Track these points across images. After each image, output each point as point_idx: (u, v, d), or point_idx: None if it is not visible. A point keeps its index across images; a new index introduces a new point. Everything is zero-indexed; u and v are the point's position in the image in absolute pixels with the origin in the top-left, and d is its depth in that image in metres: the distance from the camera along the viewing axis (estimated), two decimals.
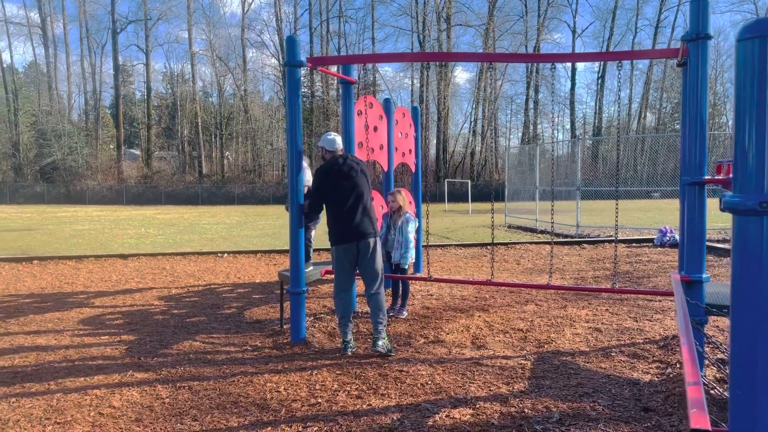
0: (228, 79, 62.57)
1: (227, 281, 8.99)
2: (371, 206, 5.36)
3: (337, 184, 5.22)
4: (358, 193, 5.24)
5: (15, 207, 42.70)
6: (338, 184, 5.22)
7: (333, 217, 5.27)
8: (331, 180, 5.24)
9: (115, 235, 17.95)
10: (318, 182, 5.31)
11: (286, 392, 4.33)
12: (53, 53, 58.52)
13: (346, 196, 5.21)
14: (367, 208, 5.29)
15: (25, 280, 9.21)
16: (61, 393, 4.37)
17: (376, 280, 5.31)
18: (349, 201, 5.20)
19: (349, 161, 5.31)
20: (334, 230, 5.27)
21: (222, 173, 60.00)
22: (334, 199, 5.23)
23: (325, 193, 5.26)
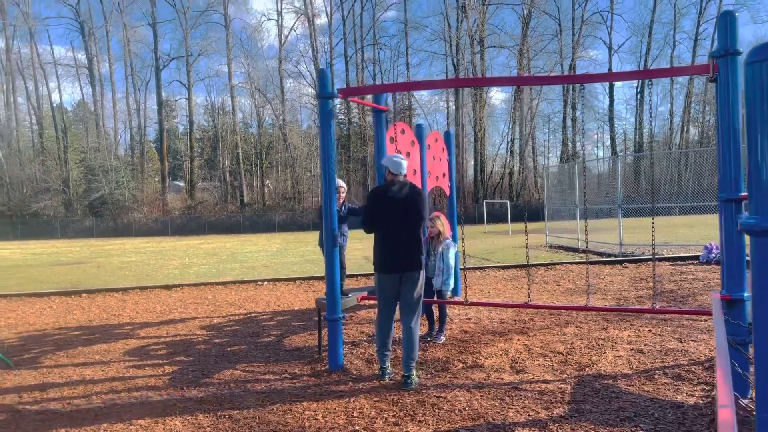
0: (267, 109, 63.97)
1: (267, 309, 9.12)
2: (420, 238, 5.17)
3: (386, 211, 5.10)
4: (407, 224, 5.08)
5: (66, 241, 44.20)
6: (388, 211, 5.09)
7: (379, 244, 5.18)
8: (381, 205, 5.13)
9: (160, 266, 18.41)
10: (369, 203, 5.20)
11: (324, 420, 4.36)
12: (100, 92, 60.90)
13: (394, 225, 5.08)
14: (416, 240, 5.11)
15: (74, 313, 9.53)
16: (107, 423, 4.49)
17: (413, 313, 5.19)
18: (397, 231, 5.08)
19: (406, 190, 5.13)
20: (378, 258, 5.18)
21: (263, 201, 61.02)
22: (381, 225, 5.13)
23: (374, 217, 5.16)
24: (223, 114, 64.97)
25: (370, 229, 5.25)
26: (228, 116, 63.87)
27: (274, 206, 59.48)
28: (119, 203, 55.66)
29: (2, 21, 55.79)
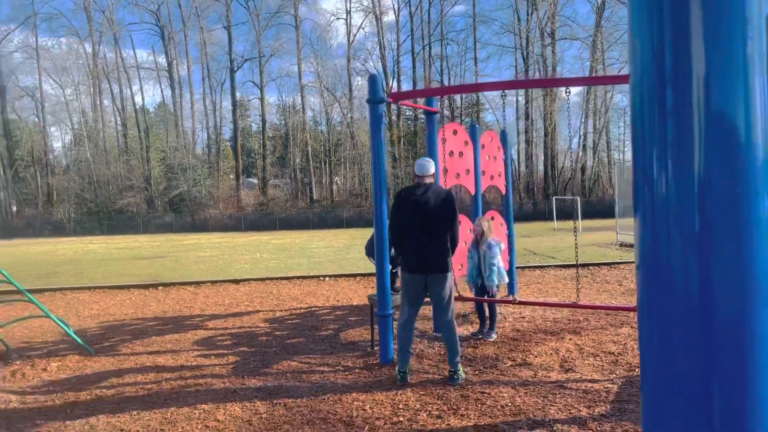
0: (335, 107, 65.02)
1: (327, 304, 9.47)
2: (447, 239, 5.18)
3: (410, 212, 5.16)
4: (432, 224, 5.11)
5: (147, 236, 46.57)
6: (411, 212, 5.15)
7: (404, 245, 5.24)
8: (404, 207, 5.21)
9: (232, 260, 19.22)
10: (393, 206, 5.32)
11: (371, 410, 4.59)
12: (179, 93, 63.65)
13: (417, 227, 5.13)
14: (441, 242, 5.13)
15: (151, 305, 10.19)
16: (175, 407, 4.89)
17: (446, 310, 5.22)
18: (421, 232, 5.12)
19: (430, 191, 5.19)
20: (403, 258, 5.26)
21: (331, 198, 62.14)
22: (406, 226, 5.20)
23: (399, 219, 5.24)
24: (293, 113, 66.53)
25: (394, 231, 5.30)
26: (298, 115, 65.35)
27: (342, 203, 60.47)
28: (196, 200, 58.06)
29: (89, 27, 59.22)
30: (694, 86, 1.04)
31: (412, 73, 61.34)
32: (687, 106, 1.04)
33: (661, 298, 1.11)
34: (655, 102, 1.07)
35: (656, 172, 1.09)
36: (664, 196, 1.08)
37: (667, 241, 1.09)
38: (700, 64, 1.03)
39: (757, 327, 1.09)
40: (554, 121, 58.64)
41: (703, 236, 1.06)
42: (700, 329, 1.08)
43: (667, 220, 1.09)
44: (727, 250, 1.07)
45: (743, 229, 1.08)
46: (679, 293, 1.09)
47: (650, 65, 1.07)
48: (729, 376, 1.09)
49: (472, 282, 6.70)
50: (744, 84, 1.05)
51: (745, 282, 1.08)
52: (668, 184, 1.07)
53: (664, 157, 1.07)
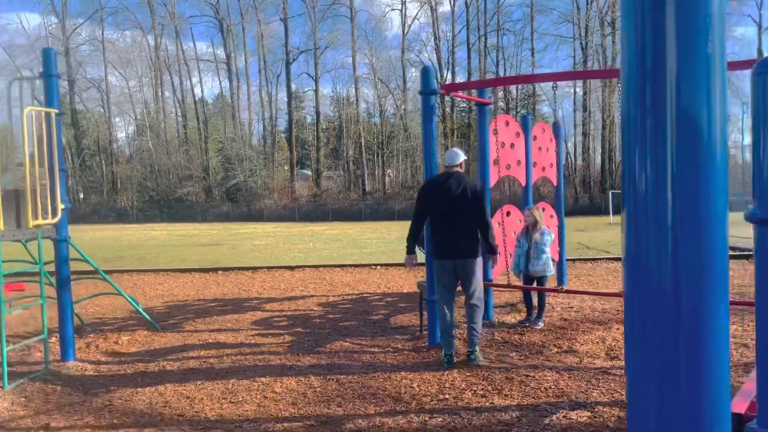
0: (388, 99, 65.28)
1: (378, 291, 9.75)
2: (475, 225, 5.41)
3: (436, 201, 5.43)
4: (457, 211, 5.34)
5: (205, 224, 48.08)
6: (437, 200, 5.42)
7: (432, 231, 5.54)
8: (430, 195, 5.49)
9: (287, 249, 19.77)
10: (418, 196, 5.62)
11: (419, 388, 4.82)
12: (236, 85, 65.17)
13: (443, 214, 5.38)
14: (467, 228, 5.36)
15: (211, 287, 10.71)
16: (235, 379, 5.24)
17: (473, 293, 5.46)
18: (447, 218, 5.36)
19: (453, 180, 5.42)
20: (433, 245, 5.55)
21: (383, 190, 62.52)
22: (433, 214, 5.48)
23: (425, 208, 5.52)
24: (347, 105, 67.16)
25: (417, 217, 5.59)
26: (352, 107, 65.93)
27: (394, 195, 60.77)
28: (252, 190, 59.45)
29: (152, 21, 61.27)
30: (668, 84, 1.17)
31: (467, 65, 60.97)
32: (662, 104, 1.17)
33: (641, 291, 1.24)
34: (637, 99, 1.21)
35: (638, 168, 1.22)
36: (643, 192, 1.21)
37: (646, 236, 1.22)
38: (672, 62, 1.16)
39: (712, 320, 1.22)
40: (613, 114, 57.24)
41: (674, 231, 1.19)
42: (671, 321, 1.21)
43: (645, 215, 1.21)
44: (690, 246, 1.20)
45: (703, 225, 1.20)
46: (654, 286, 1.22)
47: (634, 62, 1.21)
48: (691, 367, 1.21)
49: (518, 270, 6.83)
50: (706, 83, 1.18)
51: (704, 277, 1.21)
52: (647, 179, 1.20)
53: (644, 154, 1.20)
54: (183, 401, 4.72)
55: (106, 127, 61.67)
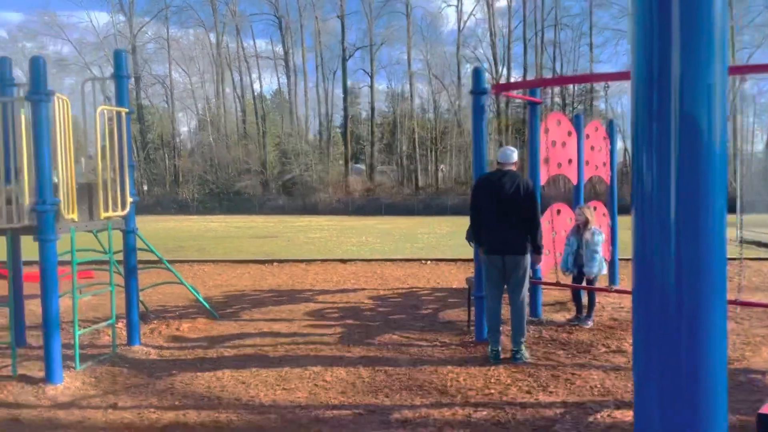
0: (443, 95, 65.01)
1: (427, 285, 9.87)
2: (524, 223, 5.46)
3: (488, 198, 5.51)
4: (509, 209, 5.41)
5: (262, 217, 49.14)
6: (490, 197, 5.50)
7: (482, 227, 5.61)
8: (481, 192, 5.58)
9: (340, 242, 20.09)
10: (472, 193, 5.72)
11: (464, 382, 4.93)
12: (294, 82, 66.21)
13: (496, 211, 5.45)
14: (516, 225, 5.42)
15: (267, 278, 11.07)
16: (289, 367, 5.48)
17: (519, 292, 5.51)
18: (499, 215, 5.43)
19: (507, 178, 5.48)
20: (482, 241, 5.64)
21: (436, 186, 62.39)
22: (483, 211, 5.56)
23: (477, 205, 5.61)
24: (401, 100, 67.26)
25: (474, 214, 5.68)
26: (406, 102, 65.99)
27: (447, 190, 60.52)
28: (308, 184, 60.37)
29: (214, 19, 62.93)
30: (672, 91, 1.24)
31: (523, 60, 60.06)
32: (666, 109, 1.25)
33: (646, 289, 1.31)
34: (645, 105, 1.28)
35: (645, 169, 1.29)
36: (649, 193, 1.28)
37: (650, 235, 1.29)
38: (676, 70, 1.23)
39: (710, 314, 1.28)
40: None
41: (677, 230, 1.26)
42: (674, 317, 1.27)
43: (651, 215, 1.28)
44: (690, 245, 1.26)
45: (702, 224, 1.26)
46: (658, 283, 1.29)
47: (643, 70, 1.28)
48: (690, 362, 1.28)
49: (566, 269, 6.81)
50: (707, 90, 1.25)
51: (703, 274, 1.27)
52: (653, 181, 1.27)
53: (650, 156, 1.27)
54: (239, 386, 4.98)
55: (170, 122, 63.80)
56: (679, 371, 1.31)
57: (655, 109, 1.27)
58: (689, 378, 1.31)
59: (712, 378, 1.32)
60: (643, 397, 1.38)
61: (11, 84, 6.24)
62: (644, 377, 1.37)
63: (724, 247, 1.31)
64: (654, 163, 1.28)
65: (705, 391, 1.32)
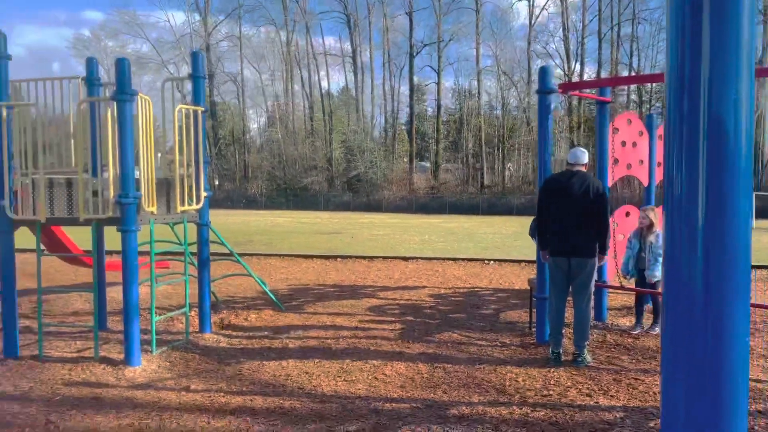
0: (512, 92, 64.09)
1: (489, 285, 9.84)
2: (593, 226, 5.38)
3: (557, 199, 5.45)
4: (578, 210, 5.34)
5: (327, 213, 49.98)
6: (558, 198, 5.44)
7: (549, 228, 5.54)
8: (551, 193, 5.52)
9: (403, 240, 20.23)
10: (540, 194, 5.66)
11: (523, 382, 4.93)
12: (361, 79, 66.89)
13: (564, 212, 5.40)
14: (584, 227, 5.35)
15: (330, 273, 11.32)
16: (350, 360, 5.63)
17: (583, 296, 5.44)
18: (567, 217, 5.37)
19: (576, 179, 5.41)
20: (549, 241, 5.56)
21: (502, 184, 61.60)
22: (551, 211, 5.50)
23: (545, 205, 5.56)
24: (468, 97, 66.76)
25: (541, 214, 5.62)
26: (473, 99, 65.46)
27: (514, 189, 59.66)
28: (372, 181, 60.90)
29: (284, 17, 64.33)
30: (702, 94, 1.25)
31: (598, 56, 58.36)
32: (696, 112, 1.25)
33: (675, 289, 1.31)
34: (677, 107, 1.29)
35: (675, 172, 1.30)
36: (679, 195, 1.29)
37: (679, 238, 1.30)
38: (706, 73, 1.24)
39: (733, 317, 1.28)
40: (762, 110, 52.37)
41: (704, 233, 1.26)
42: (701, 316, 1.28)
43: (680, 218, 1.30)
44: (716, 247, 1.26)
45: (728, 226, 1.26)
46: (686, 284, 1.30)
47: (675, 74, 1.30)
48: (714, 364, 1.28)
49: (627, 273, 6.64)
50: (735, 93, 1.25)
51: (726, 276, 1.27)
52: (682, 183, 1.28)
53: (680, 158, 1.28)
54: (303, 376, 5.17)
55: (241, 118, 65.74)
56: (703, 370, 1.33)
57: (686, 112, 1.29)
58: (712, 377, 1.33)
59: (735, 377, 1.33)
60: (669, 394, 1.40)
61: (98, 83, 6.67)
62: (671, 376, 1.40)
63: (749, 250, 1.32)
64: (683, 165, 1.30)
65: (727, 389, 1.33)
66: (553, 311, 5.63)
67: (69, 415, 4.28)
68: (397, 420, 4.17)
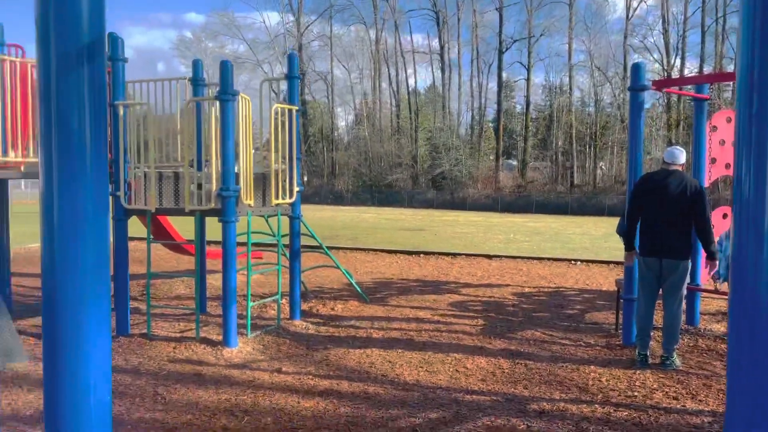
0: (605, 88, 61.86)
1: (575, 286, 9.68)
2: (688, 227, 5.23)
3: (652, 199, 5.30)
4: (674, 211, 5.19)
5: (410, 210, 50.26)
6: (653, 198, 5.29)
7: (642, 229, 5.41)
8: (646, 193, 5.36)
9: (486, 238, 20.12)
10: (633, 193, 5.49)
11: (607, 382, 4.90)
12: (448, 76, 66.70)
13: (659, 212, 5.25)
14: (677, 228, 5.20)
15: (413, 269, 11.50)
16: (432, 352, 5.78)
17: (674, 298, 5.29)
18: (662, 217, 5.22)
19: (673, 178, 5.25)
20: (640, 241, 5.43)
21: (593, 184, 59.62)
22: (646, 212, 5.35)
23: (638, 205, 5.41)
24: (559, 93, 65.04)
25: (632, 215, 5.45)
26: (564, 96, 63.71)
27: (606, 189, 57.57)
28: (457, 179, 60.63)
29: (374, 16, 65.16)
30: None
31: (700, 50, 55.30)
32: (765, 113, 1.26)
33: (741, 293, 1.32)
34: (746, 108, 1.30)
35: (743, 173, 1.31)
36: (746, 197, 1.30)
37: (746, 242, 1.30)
38: None
39: None
40: None
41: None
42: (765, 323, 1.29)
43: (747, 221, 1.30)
44: None
45: None
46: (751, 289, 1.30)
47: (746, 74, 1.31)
48: None
49: (717, 276, 6.35)
50: None
51: None
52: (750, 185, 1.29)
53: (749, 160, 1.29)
54: (386, 364, 5.37)
55: (330, 116, 67.29)
56: None
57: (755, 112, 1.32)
58: None
59: None
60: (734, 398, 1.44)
61: (203, 84, 7.15)
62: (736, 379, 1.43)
63: None
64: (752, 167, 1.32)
65: None
66: (641, 313, 5.52)
67: (174, 388, 4.69)
68: (478, 411, 4.28)
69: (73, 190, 1.30)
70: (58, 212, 1.32)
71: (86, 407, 1.46)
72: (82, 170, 1.31)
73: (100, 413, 1.49)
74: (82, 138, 1.30)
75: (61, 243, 1.34)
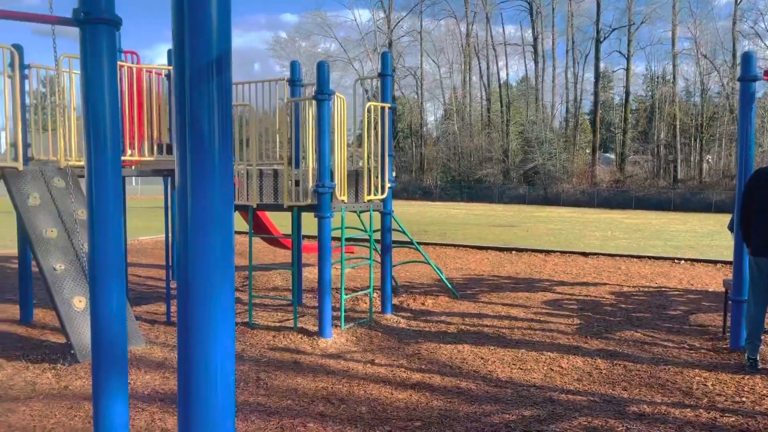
0: (713, 76, 58.10)
1: (678, 286, 9.21)
2: None
3: (761, 193, 5.02)
4: None
5: (501, 206, 49.52)
6: (762, 192, 5.01)
7: (754, 227, 5.10)
8: (758, 188, 5.07)
9: (582, 235, 19.51)
10: (745, 189, 5.20)
11: (713, 387, 4.67)
12: (541, 67, 64.97)
13: (764, 208, 4.99)
14: None
15: (505, 265, 11.35)
16: (525, 350, 5.72)
17: None
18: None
19: None
20: (752, 241, 5.12)
21: (699, 178, 56.23)
22: (759, 209, 5.04)
23: (751, 200, 5.11)
24: (662, 83, 61.80)
25: (744, 210, 5.17)
26: (668, 86, 60.46)
27: (713, 184, 54.12)
28: (550, 173, 59.01)
29: (465, 9, 64.56)
30: None
31: None
32: None
33: None
34: None
35: None
36: None
37: None
38: None
39: None
40: None
41: None
42: None
43: None
44: None
45: None
46: None
47: None
48: None
49: None
50: None
51: None
52: None
53: None
54: (477, 361, 5.37)
55: (419, 112, 67.41)
56: None
57: None
58: None
59: None
60: None
61: (299, 84, 7.41)
62: None
63: None
64: None
65: None
66: (751, 315, 5.22)
67: (274, 374, 4.93)
68: (573, 411, 4.21)
69: (204, 188, 1.43)
70: (191, 208, 1.46)
71: (214, 384, 1.61)
72: (211, 169, 1.45)
73: (226, 391, 1.63)
74: (212, 141, 1.43)
75: (194, 235, 1.48)
